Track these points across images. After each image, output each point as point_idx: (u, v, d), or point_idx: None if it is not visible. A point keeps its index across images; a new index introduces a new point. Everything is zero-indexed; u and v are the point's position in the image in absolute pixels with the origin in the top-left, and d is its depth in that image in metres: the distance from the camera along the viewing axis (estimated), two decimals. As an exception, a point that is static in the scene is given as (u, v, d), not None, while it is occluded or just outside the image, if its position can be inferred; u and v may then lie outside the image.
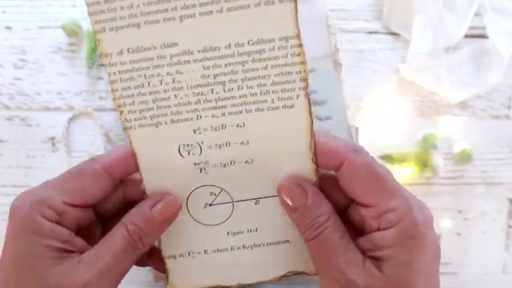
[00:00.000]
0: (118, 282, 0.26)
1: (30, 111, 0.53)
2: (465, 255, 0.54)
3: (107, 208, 0.28)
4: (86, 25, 0.52)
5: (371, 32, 0.53)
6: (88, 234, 0.27)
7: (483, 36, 0.52)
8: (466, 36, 0.51)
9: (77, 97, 0.53)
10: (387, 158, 0.52)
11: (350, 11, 0.53)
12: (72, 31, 0.51)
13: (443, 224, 0.53)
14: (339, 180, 0.25)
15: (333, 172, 0.26)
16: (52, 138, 0.53)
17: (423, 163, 0.52)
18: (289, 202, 0.25)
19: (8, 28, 0.53)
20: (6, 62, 0.53)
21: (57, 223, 0.25)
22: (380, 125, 0.53)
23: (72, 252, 0.25)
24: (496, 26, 0.51)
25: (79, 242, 0.26)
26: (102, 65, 0.53)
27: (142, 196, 0.27)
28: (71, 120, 0.53)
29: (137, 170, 0.27)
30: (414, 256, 0.23)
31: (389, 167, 0.52)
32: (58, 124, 0.53)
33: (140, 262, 0.29)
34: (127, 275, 0.29)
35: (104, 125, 0.53)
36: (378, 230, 0.24)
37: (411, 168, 0.52)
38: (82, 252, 0.25)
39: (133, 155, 0.26)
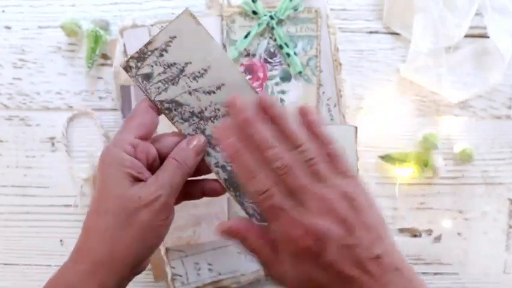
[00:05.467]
0: (175, 195, 0.37)
1: (29, 111, 0.53)
2: (466, 256, 0.54)
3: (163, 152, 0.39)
4: (86, 25, 0.52)
5: (371, 32, 0.53)
6: (153, 170, 0.38)
7: (484, 35, 0.52)
8: (467, 35, 0.51)
9: (77, 97, 0.53)
10: (387, 158, 0.52)
11: (350, 10, 0.53)
12: (71, 31, 0.51)
13: (443, 224, 0.53)
14: None
15: None
16: (52, 138, 0.53)
17: (424, 163, 0.52)
18: None
19: (8, 28, 0.53)
20: (6, 61, 0.53)
21: (134, 157, 0.36)
22: (380, 125, 0.53)
23: (142, 180, 0.36)
24: (496, 25, 0.51)
25: (147, 173, 0.37)
26: (101, 64, 0.53)
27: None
28: (70, 120, 0.53)
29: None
30: None
31: (390, 167, 0.52)
32: (58, 124, 0.53)
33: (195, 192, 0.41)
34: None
35: (103, 125, 0.53)
36: None
37: (412, 168, 0.52)
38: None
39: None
